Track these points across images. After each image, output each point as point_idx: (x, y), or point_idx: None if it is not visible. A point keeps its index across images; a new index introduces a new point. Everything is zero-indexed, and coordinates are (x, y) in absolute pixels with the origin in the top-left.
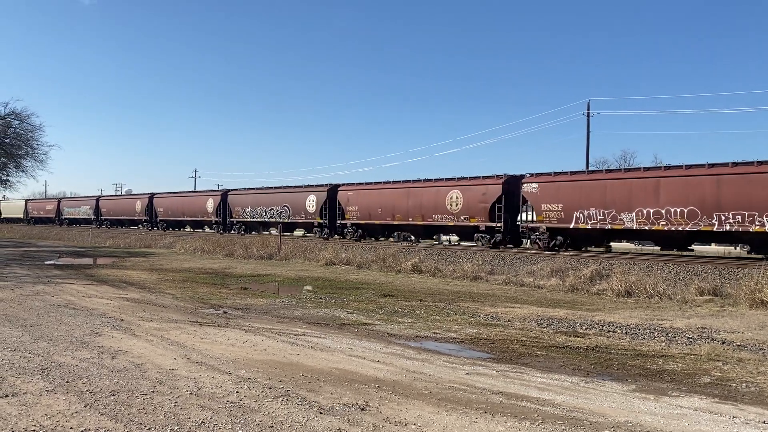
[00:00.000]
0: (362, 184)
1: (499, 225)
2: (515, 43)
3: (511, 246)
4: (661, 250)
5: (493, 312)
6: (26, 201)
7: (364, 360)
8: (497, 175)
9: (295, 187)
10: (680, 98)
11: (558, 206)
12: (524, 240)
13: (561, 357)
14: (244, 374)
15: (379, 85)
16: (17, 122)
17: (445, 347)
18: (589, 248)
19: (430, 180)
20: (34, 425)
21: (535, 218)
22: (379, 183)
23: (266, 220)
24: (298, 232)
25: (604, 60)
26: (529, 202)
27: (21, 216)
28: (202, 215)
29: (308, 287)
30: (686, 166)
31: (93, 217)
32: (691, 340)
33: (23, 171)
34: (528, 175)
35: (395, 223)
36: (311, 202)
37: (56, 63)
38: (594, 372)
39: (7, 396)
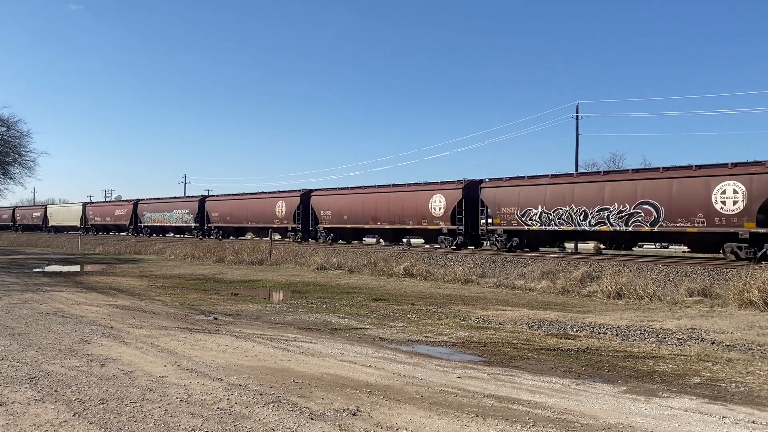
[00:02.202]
0: None
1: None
2: (504, 46)
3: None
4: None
5: (484, 315)
6: (84, 205)
7: (356, 365)
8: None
9: (674, 169)
10: (668, 100)
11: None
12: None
13: (552, 359)
14: (235, 381)
15: (369, 89)
16: (4, 129)
17: (436, 351)
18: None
19: None
20: None
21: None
22: None
23: (585, 227)
24: (646, 249)
25: (592, 63)
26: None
27: (77, 224)
28: (418, 220)
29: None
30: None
31: (194, 224)
32: (681, 340)
33: (11, 178)
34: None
35: None
36: (729, 195)
37: (43, 69)
38: (585, 374)
39: None
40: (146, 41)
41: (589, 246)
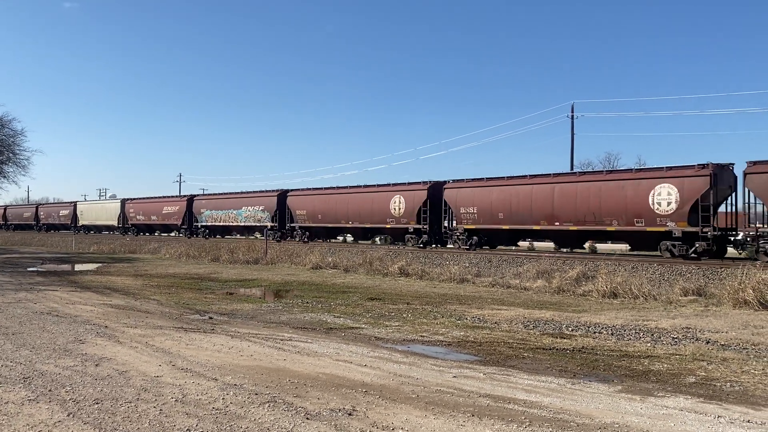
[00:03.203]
0: None
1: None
2: (499, 46)
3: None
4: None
5: (479, 314)
6: (123, 201)
7: (351, 364)
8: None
9: None
10: (663, 100)
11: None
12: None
13: (548, 359)
14: (230, 380)
15: (365, 88)
16: None
17: (432, 350)
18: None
19: None
20: None
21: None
22: None
23: None
24: None
25: (588, 62)
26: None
27: (114, 223)
28: (629, 219)
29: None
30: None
31: (271, 224)
32: (676, 340)
33: (5, 177)
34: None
35: None
36: None
37: (37, 67)
38: (580, 373)
39: None
40: (141, 40)
41: None
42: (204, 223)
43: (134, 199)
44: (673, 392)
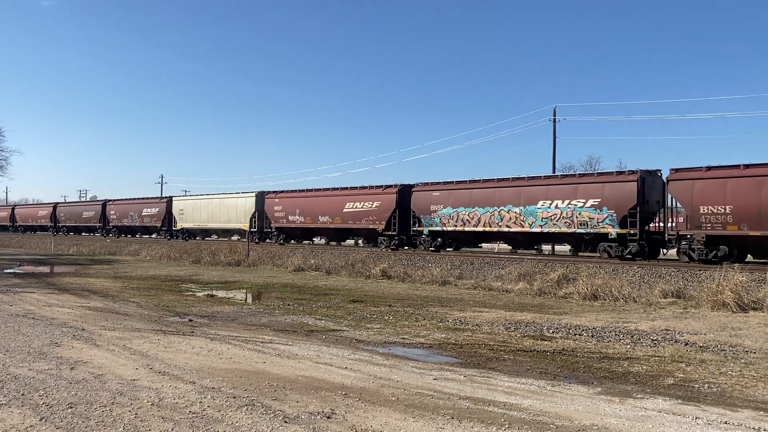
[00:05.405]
0: None
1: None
2: (482, 50)
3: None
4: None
5: (461, 316)
6: (260, 195)
7: (332, 367)
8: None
9: None
10: (644, 104)
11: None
12: None
13: (528, 361)
14: (208, 384)
15: (348, 91)
16: None
17: (413, 353)
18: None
19: None
20: None
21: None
22: None
23: None
24: None
25: (570, 67)
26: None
27: (242, 225)
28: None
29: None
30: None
31: (618, 230)
32: (655, 342)
33: None
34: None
35: None
36: None
37: (14, 65)
38: (560, 375)
39: None
40: (120, 40)
41: None
42: (436, 228)
43: (280, 192)
44: (652, 394)
